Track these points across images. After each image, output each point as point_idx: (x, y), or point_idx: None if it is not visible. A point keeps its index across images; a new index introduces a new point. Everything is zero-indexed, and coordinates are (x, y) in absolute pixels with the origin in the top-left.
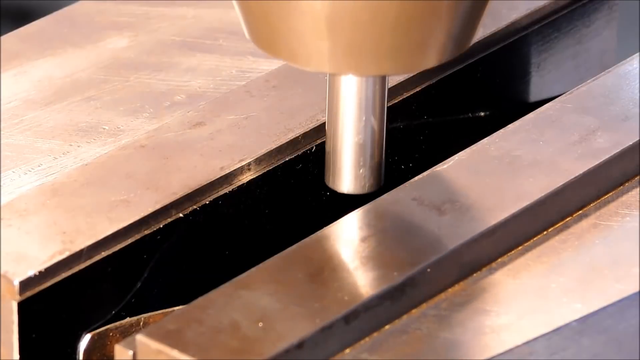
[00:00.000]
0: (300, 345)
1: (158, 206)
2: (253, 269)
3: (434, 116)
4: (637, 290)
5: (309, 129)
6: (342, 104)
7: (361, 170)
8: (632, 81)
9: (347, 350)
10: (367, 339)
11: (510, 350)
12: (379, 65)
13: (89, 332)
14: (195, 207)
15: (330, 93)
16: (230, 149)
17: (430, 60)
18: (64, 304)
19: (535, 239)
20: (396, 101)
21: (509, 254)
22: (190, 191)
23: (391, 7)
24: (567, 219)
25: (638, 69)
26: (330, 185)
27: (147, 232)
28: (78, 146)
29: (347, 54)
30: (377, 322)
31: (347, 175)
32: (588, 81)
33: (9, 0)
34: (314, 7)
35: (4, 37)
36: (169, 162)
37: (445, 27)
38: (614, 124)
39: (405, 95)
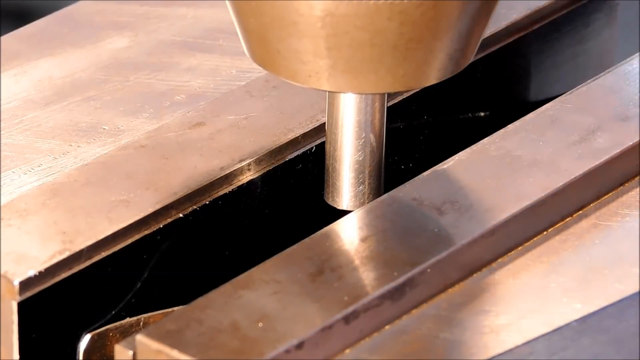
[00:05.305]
0: (300, 345)
1: (158, 206)
2: (253, 269)
3: (434, 116)
4: (637, 290)
5: (309, 129)
6: (342, 121)
7: (360, 187)
8: (632, 81)
9: (347, 350)
10: (367, 339)
11: (510, 350)
12: (378, 83)
13: (89, 332)
14: (195, 207)
15: (330, 111)
16: (230, 149)
17: (430, 78)
18: (64, 304)
19: (535, 239)
20: (396, 101)
21: (509, 254)
22: (190, 191)
23: (391, 27)
24: (567, 219)
25: (638, 69)
26: (330, 202)
27: (147, 232)
28: (78, 146)
29: (347, 72)
30: (377, 322)
31: (346, 193)
32: (588, 81)
33: (9, 0)
34: (314, 27)
35: (4, 37)
36: (169, 162)
37: (444, 46)
38: (614, 124)
39: (405, 95)
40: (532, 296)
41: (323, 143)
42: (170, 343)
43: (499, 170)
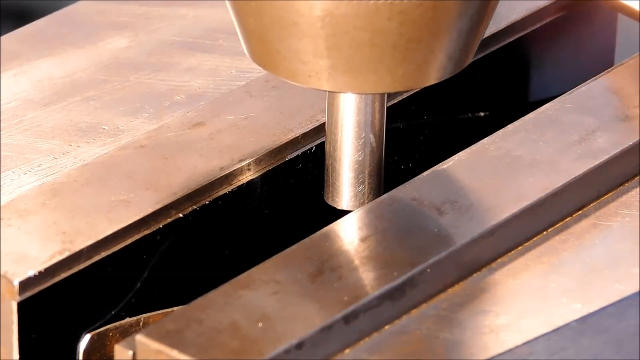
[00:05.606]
0: (300, 345)
1: (158, 206)
2: (253, 269)
3: (434, 116)
4: (637, 290)
5: (308, 129)
6: (341, 121)
7: (360, 187)
8: (632, 81)
9: (347, 350)
10: (367, 339)
11: (510, 350)
12: (378, 83)
13: (89, 332)
14: (195, 207)
15: (330, 111)
16: (230, 149)
17: (430, 78)
18: (64, 304)
19: (535, 239)
20: (396, 101)
21: (509, 254)
22: (190, 191)
23: (390, 27)
24: (567, 219)
25: (638, 69)
26: (330, 202)
27: (147, 232)
28: (78, 146)
29: (347, 72)
30: (377, 322)
31: (346, 193)
32: (588, 81)
33: (9, 0)
34: (314, 27)
35: (4, 37)
36: (169, 162)
37: (444, 46)
38: (614, 124)
39: (405, 95)
40: (532, 296)
41: (323, 143)
42: (170, 343)
43: (499, 170)
